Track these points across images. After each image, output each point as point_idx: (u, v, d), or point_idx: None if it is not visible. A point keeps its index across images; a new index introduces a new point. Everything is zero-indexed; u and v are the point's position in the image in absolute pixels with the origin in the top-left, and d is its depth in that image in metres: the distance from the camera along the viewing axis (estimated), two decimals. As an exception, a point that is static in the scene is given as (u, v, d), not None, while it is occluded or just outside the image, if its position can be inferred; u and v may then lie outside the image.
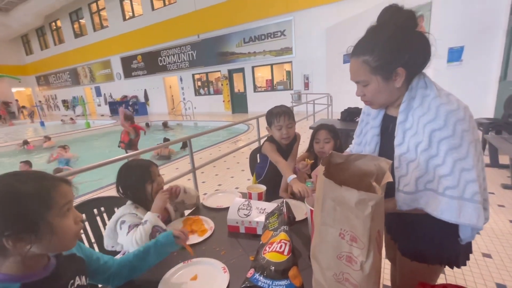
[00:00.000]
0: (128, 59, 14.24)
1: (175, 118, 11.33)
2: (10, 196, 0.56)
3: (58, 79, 19.04)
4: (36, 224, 0.58)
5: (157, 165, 1.32)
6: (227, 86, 11.14)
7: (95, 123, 12.14)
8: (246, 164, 1.79)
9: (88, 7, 14.83)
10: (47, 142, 7.59)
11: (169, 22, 11.88)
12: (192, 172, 2.53)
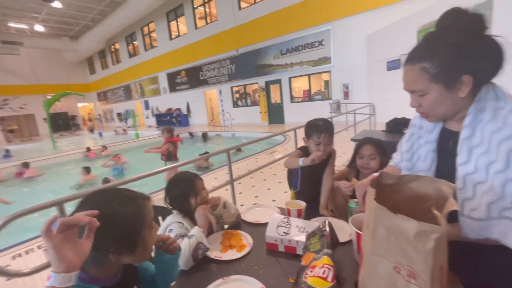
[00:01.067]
0: (173, 75, 15.40)
1: (214, 129, 11.80)
2: (115, 219, 0.64)
3: (114, 94, 21.41)
4: (134, 240, 0.66)
5: (202, 179, 1.36)
6: (264, 97, 11.30)
7: (143, 134, 13.24)
8: (283, 176, 1.77)
9: (141, 30, 16.56)
10: (105, 151, 8.50)
11: (210, 39, 12.61)
12: (230, 184, 2.57)
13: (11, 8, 15.04)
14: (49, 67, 21.85)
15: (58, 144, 12.26)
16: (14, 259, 2.51)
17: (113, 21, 15.09)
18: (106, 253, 0.63)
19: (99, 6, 15.14)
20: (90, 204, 0.66)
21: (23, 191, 6.20)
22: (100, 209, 0.60)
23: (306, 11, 9.28)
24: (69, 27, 18.41)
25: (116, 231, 0.63)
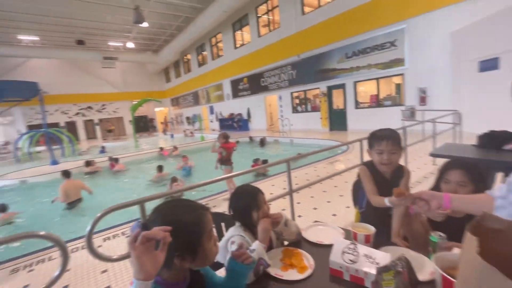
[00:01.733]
0: (236, 82, 16.26)
1: (273, 134, 11.93)
2: (180, 225, 0.72)
3: (184, 100, 23.83)
4: (195, 247, 0.73)
5: (263, 193, 1.37)
6: (326, 102, 10.90)
7: (207, 137, 14.33)
8: (345, 189, 1.65)
9: (209, 41, 18.04)
10: (175, 151, 9.52)
11: (273, 46, 12.88)
12: (289, 195, 2.53)
13: (111, 30, 18.30)
14: (135, 77, 25.79)
15: (139, 143, 14.26)
16: (104, 241, 3.00)
17: (187, 35, 16.86)
18: (172, 257, 0.71)
19: (176, 23, 17.15)
20: (159, 212, 0.77)
21: (112, 182, 7.38)
22: (166, 217, 0.71)
23: (375, 11, 8.61)
24: (153, 42, 21.37)
25: (179, 237, 0.70)
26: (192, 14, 15.38)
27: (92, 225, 1.43)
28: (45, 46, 19.59)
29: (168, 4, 14.39)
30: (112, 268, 2.44)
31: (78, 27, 17.06)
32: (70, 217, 4.85)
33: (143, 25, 12.38)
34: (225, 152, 4.26)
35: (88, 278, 2.31)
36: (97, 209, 4.68)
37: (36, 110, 21.07)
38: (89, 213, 4.90)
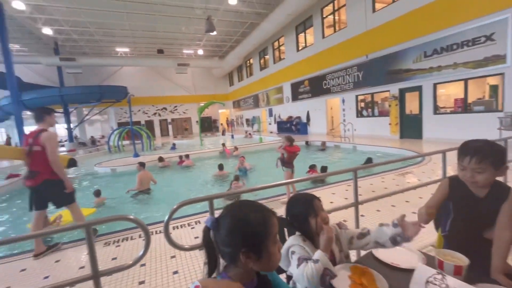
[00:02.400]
0: (296, 85, 16.12)
1: (333, 139, 11.39)
2: (247, 222, 0.76)
3: (245, 103, 24.82)
4: (260, 247, 0.75)
5: (320, 200, 1.31)
6: (396, 107, 9.83)
7: (265, 139, 14.58)
8: (419, 205, 1.42)
9: (272, 45, 18.38)
10: (236, 152, 9.98)
11: (337, 47, 12.32)
12: (355, 206, 2.36)
13: (185, 39, 20.37)
14: (203, 81, 28.16)
15: (204, 142, 15.46)
16: (173, 229, 3.33)
17: (251, 40, 17.54)
18: (238, 251, 0.73)
19: (241, 29, 18.03)
20: (230, 209, 0.81)
21: (178, 176, 8.12)
22: (235, 214, 0.77)
23: (463, 1, 7.37)
24: (219, 49, 22.96)
25: (246, 233, 0.74)
26: (257, 20, 15.93)
27: (169, 215, 1.59)
28: (134, 56, 23.09)
29: (235, 12, 15.24)
30: (179, 255, 2.68)
31: (159, 38, 19.57)
32: (142, 203, 5.56)
33: (212, 33, 13.39)
34: (287, 155, 4.25)
35: (160, 261, 2.59)
36: (163, 198, 5.22)
37: (124, 110, 25.03)
38: (157, 201, 5.53)
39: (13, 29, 14.96)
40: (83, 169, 9.84)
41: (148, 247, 1.50)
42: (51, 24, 15.34)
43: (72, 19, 14.93)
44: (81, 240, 3.19)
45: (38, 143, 2.78)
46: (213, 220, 0.79)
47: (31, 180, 2.79)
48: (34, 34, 16.80)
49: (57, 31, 16.56)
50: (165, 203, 5.29)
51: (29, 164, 2.80)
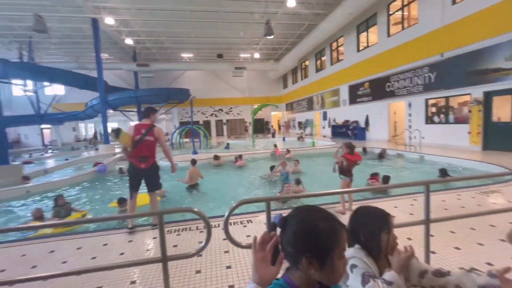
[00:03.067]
0: (355, 87, 15.19)
1: (396, 147, 10.35)
2: (315, 229, 0.74)
3: (298, 105, 24.50)
4: (324, 257, 0.72)
5: (392, 217, 1.21)
6: (479, 113, 8.39)
7: (318, 143, 14.12)
8: (506, 229, 1.14)
9: (330, 46, 17.73)
10: (288, 154, 9.91)
11: (405, 46, 11.19)
12: (425, 224, 2.08)
13: (243, 44, 21.18)
14: (257, 83, 28.86)
15: (255, 143, 15.80)
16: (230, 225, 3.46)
17: (307, 41, 17.25)
18: (301, 255, 0.72)
19: (298, 31, 17.89)
20: (298, 212, 0.79)
21: (230, 174, 8.40)
22: (304, 217, 0.76)
23: None
24: (275, 52, 23.20)
25: (311, 239, 0.72)
26: (315, 21, 15.58)
27: (229, 212, 1.66)
28: (196, 60, 25.06)
29: (293, 15, 15.20)
30: (232, 251, 2.78)
31: (219, 43, 20.82)
32: (194, 197, 6.00)
33: (270, 37, 13.62)
34: (346, 163, 3.97)
35: (214, 254, 2.73)
36: (214, 194, 5.45)
37: (186, 110, 27.30)
38: (208, 196, 5.90)
39: (104, 41, 17.79)
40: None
41: (209, 239, 1.59)
42: (132, 35, 17.76)
43: (148, 30, 17.02)
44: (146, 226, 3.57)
45: (152, 135, 3.47)
46: (281, 219, 0.79)
47: (145, 163, 3.45)
48: (118, 45, 19.69)
49: (136, 41, 19.09)
50: (216, 199, 5.58)
51: (139, 151, 3.42)
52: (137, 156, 3.42)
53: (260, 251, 0.74)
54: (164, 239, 1.56)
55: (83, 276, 2.33)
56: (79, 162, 11.79)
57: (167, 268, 1.57)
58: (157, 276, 2.33)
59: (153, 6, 13.76)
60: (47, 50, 20.91)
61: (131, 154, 3.42)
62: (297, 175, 7.34)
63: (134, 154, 3.42)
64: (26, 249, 2.99)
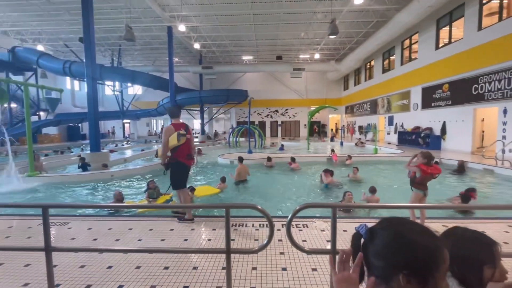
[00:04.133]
0: (430, 89, 13.39)
1: (481, 161, 8.72)
2: (414, 244, 0.66)
3: (360, 108, 22.88)
4: (426, 276, 0.64)
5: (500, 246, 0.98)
6: None
7: (381, 150, 12.91)
8: None
9: (401, 44, 16.03)
10: (348, 160, 9.30)
11: (501, 40, 9.34)
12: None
13: (303, 45, 20.86)
14: (315, 85, 28.06)
15: (310, 146, 15.35)
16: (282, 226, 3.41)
17: (375, 39, 15.96)
18: (397, 271, 0.64)
19: (365, 29, 16.71)
20: (391, 223, 0.73)
21: (283, 176, 8.29)
22: (400, 230, 0.68)
23: None
24: (337, 52, 22.18)
25: (411, 254, 0.65)
26: (385, 17, 14.32)
27: (292, 214, 1.60)
28: (256, 62, 25.75)
29: (360, 12, 14.26)
30: (287, 253, 2.71)
31: (278, 45, 20.96)
32: (239, 192, 6.21)
33: (334, 36, 13.05)
34: (421, 175, 3.45)
35: (270, 254, 2.71)
36: (258, 192, 5.40)
37: (243, 110, 28.33)
38: (249, 193, 6.05)
39: (175, 46, 19.78)
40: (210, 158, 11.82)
41: (272, 238, 1.57)
42: (200, 40, 19.28)
43: (214, 34, 18.24)
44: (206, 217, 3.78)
45: (190, 133, 3.65)
46: (366, 229, 0.73)
47: (192, 160, 3.73)
48: (187, 49, 21.64)
49: (203, 45, 20.66)
50: (263, 198, 5.62)
51: (187, 149, 3.64)
52: (186, 155, 3.60)
53: (342, 271, 0.69)
54: (229, 232, 1.61)
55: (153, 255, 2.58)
56: (152, 153, 13.36)
57: (230, 260, 1.61)
58: (216, 265, 2.44)
59: (219, 12, 14.68)
60: (131, 55, 24.35)
61: (179, 154, 3.54)
62: (356, 184, 6.85)
63: (184, 153, 3.58)
64: (112, 224, 3.49)
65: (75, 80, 22.69)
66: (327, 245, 2.91)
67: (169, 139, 3.47)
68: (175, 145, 3.47)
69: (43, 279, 2.25)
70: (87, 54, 8.91)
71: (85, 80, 9.47)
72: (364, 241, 0.74)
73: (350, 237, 0.79)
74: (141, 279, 2.25)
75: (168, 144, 3.47)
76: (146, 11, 14.51)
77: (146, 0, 12.64)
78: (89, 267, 2.43)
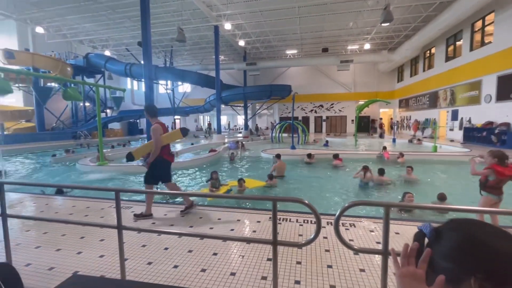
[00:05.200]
0: (509, 78, 11.41)
1: None
2: (490, 245, 0.61)
3: (416, 102, 20.70)
4: (503, 281, 0.58)
5: None
6: None
7: (441, 148, 11.54)
8: None
9: (471, 26, 13.93)
10: (400, 158, 8.56)
11: None
12: None
13: (352, 35, 19.65)
14: (364, 77, 26.25)
15: (358, 142, 14.51)
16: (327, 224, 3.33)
17: (437, 24, 14.20)
18: (469, 274, 0.60)
19: (424, 13, 14.96)
20: (461, 224, 0.67)
21: (323, 173, 7.98)
22: (473, 232, 0.63)
23: None
24: (390, 40, 20.38)
25: (487, 258, 0.60)
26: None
27: (340, 212, 1.55)
28: (300, 57, 25.19)
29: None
30: (333, 250, 2.65)
31: (324, 37, 20.12)
32: (279, 188, 6.15)
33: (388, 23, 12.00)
34: (494, 177, 2.99)
35: (315, 249, 2.67)
36: (296, 187, 5.26)
37: (286, 106, 28.08)
38: (287, 188, 5.93)
39: (221, 44, 20.49)
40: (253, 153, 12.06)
41: (319, 233, 1.55)
42: (244, 37, 19.62)
43: (258, 30, 18.36)
44: (250, 209, 3.89)
45: (166, 131, 3.81)
46: (432, 229, 0.69)
47: (173, 156, 3.93)
48: (233, 47, 22.23)
49: (247, 42, 20.98)
50: (301, 195, 5.52)
51: (168, 146, 3.82)
52: (168, 152, 3.79)
53: (406, 266, 0.65)
54: (276, 224, 1.64)
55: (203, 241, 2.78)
56: (199, 148, 14.20)
57: (276, 251, 1.65)
58: (261, 256, 2.51)
59: (263, 7, 14.70)
60: (181, 56, 26.04)
61: (164, 151, 3.67)
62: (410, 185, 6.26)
63: (167, 150, 3.75)
64: (168, 210, 3.85)
65: (134, 80, 25.25)
66: (376, 246, 2.77)
67: (170, 135, 3.70)
68: (174, 140, 3.73)
69: (114, 252, 2.61)
70: (145, 56, 9.83)
71: (143, 80, 10.47)
72: (429, 241, 0.69)
73: (403, 240, 0.75)
74: (193, 261, 2.44)
75: (162, 141, 3.59)
76: (195, 12, 15.31)
77: (195, 2, 13.33)
78: (149, 246, 2.73)
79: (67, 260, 2.51)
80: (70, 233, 3.08)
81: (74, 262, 2.47)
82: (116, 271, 2.31)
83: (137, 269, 2.33)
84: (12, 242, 2.37)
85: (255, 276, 2.23)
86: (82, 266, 2.40)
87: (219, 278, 2.21)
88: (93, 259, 2.51)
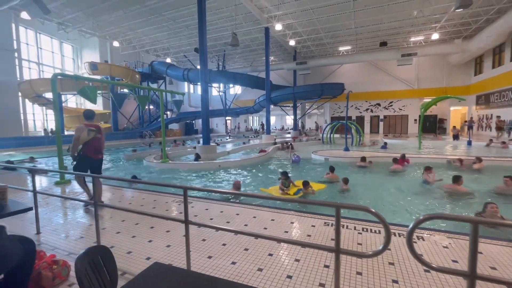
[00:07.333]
0: None
1: None
2: None
3: (500, 98, 17.49)
4: None
5: None
6: None
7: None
8: None
9: None
10: (477, 164, 7.26)
11: None
12: None
13: (416, 25, 17.68)
14: (430, 72, 23.32)
15: (422, 145, 12.95)
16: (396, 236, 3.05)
17: (530, 3, 11.79)
18: None
19: (513, -9, 12.58)
20: None
21: (385, 180, 7.31)
22: None
23: None
24: (465, 27, 17.70)
25: None
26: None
27: (414, 225, 1.39)
28: (355, 52, 23.72)
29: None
30: (398, 264, 2.41)
31: (383, 30, 18.56)
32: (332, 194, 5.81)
33: (465, 8, 10.42)
34: None
35: (377, 262, 2.47)
36: (352, 194, 4.77)
37: (338, 105, 26.79)
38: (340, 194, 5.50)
39: (271, 45, 20.63)
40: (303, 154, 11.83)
41: (388, 244, 1.42)
42: (295, 36, 19.40)
43: (309, 28, 17.95)
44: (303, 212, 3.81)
45: (101, 134, 4.30)
46: None
47: (100, 155, 4.33)
48: (283, 47, 22.19)
49: (297, 41, 20.68)
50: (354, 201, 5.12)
51: (96, 145, 4.22)
52: (93, 150, 4.19)
53: None
54: (339, 231, 1.57)
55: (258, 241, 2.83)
56: (250, 147, 14.57)
57: (339, 259, 1.58)
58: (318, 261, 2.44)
59: (316, 4, 14.29)
60: (233, 59, 27.09)
61: (88, 149, 4.12)
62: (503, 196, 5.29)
63: (91, 148, 4.15)
64: (223, 207, 4.05)
65: (191, 84, 27.27)
66: (452, 264, 2.42)
67: (81, 135, 4.10)
68: (85, 139, 4.09)
69: (178, 243, 2.85)
70: (202, 61, 10.51)
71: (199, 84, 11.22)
72: None
73: (488, 260, 0.61)
74: (249, 260, 2.51)
75: (79, 138, 4.08)
76: (247, 16, 15.76)
77: (247, 6, 13.70)
78: (208, 241, 2.90)
79: (141, 246, 2.84)
80: (142, 222, 3.48)
81: (147, 249, 2.78)
82: (181, 261, 2.51)
83: (199, 262, 2.50)
84: (100, 226, 2.79)
85: (312, 282, 2.17)
86: (154, 253, 2.68)
87: (275, 279, 2.22)
88: (161, 248, 2.78)
